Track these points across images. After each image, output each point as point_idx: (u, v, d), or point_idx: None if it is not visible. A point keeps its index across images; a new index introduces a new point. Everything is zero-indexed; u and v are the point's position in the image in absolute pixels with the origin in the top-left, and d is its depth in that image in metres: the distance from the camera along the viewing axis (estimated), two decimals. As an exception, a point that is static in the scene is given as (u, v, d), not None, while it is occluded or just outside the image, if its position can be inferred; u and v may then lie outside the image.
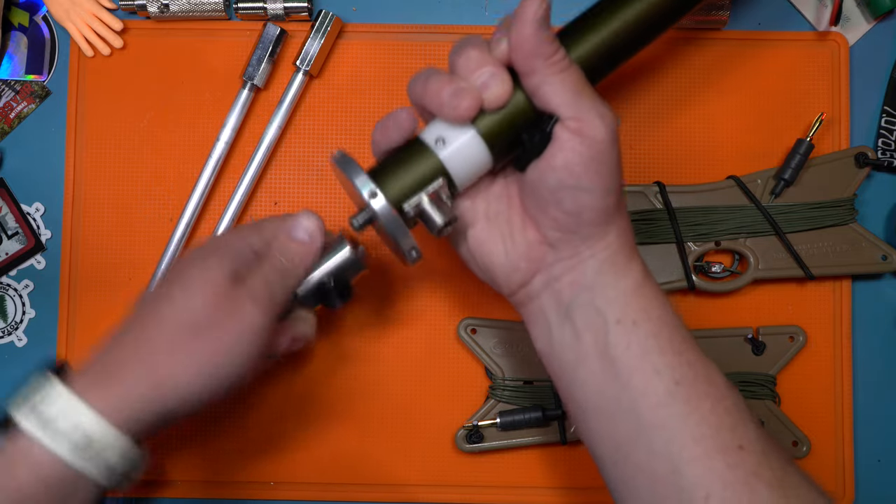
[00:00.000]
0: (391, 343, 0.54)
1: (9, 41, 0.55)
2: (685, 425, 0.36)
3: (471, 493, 0.53)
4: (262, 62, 0.52)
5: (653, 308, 0.38)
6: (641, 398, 0.37)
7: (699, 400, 0.36)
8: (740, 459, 0.35)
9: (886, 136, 0.54)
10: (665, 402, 0.36)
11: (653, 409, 0.36)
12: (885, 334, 0.54)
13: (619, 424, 0.37)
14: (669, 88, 0.54)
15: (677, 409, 0.36)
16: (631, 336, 0.37)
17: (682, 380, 0.37)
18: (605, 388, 0.38)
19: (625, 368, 0.37)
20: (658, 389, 0.37)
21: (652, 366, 0.37)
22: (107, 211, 0.54)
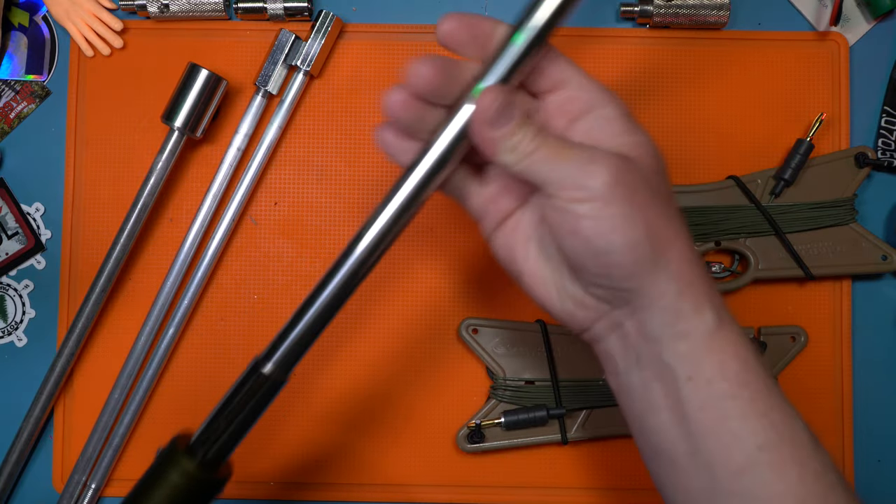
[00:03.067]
0: (392, 343, 0.54)
1: (9, 41, 0.55)
2: (767, 496, 0.33)
3: (471, 493, 0.53)
4: (276, 68, 0.52)
5: (731, 364, 0.34)
6: (719, 462, 0.33)
7: (784, 466, 0.33)
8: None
9: (886, 136, 0.54)
10: (745, 470, 0.33)
11: (731, 475, 0.33)
12: (885, 334, 0.54)
13: (693, 481, 0.34)
14: (669, 88, 0.54)
15: (760, 478, 0.33)
16: (705, 395, 0.34)
17: (765, 445, 0.33)
18: (678, 443, 0.34)
19: (700, 429, 0.34)
20: (737, 456, 0.33)
21: (730, 431, 0.33)
22: (107, 211, 0.54)
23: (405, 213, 0.36)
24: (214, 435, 0.37)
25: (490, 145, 0.34)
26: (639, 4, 0.53)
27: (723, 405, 0.34)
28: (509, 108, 0.34)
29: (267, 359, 0.36)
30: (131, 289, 0.54)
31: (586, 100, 0.36)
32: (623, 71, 0.54)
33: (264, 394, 0.37)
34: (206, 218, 0.53)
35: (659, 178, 0.35)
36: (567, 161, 0.33)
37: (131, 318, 0.53)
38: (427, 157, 0.35)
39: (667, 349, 0.34)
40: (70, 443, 0.53)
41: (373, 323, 0.54)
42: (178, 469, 0.36)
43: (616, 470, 0.53)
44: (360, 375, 0.53)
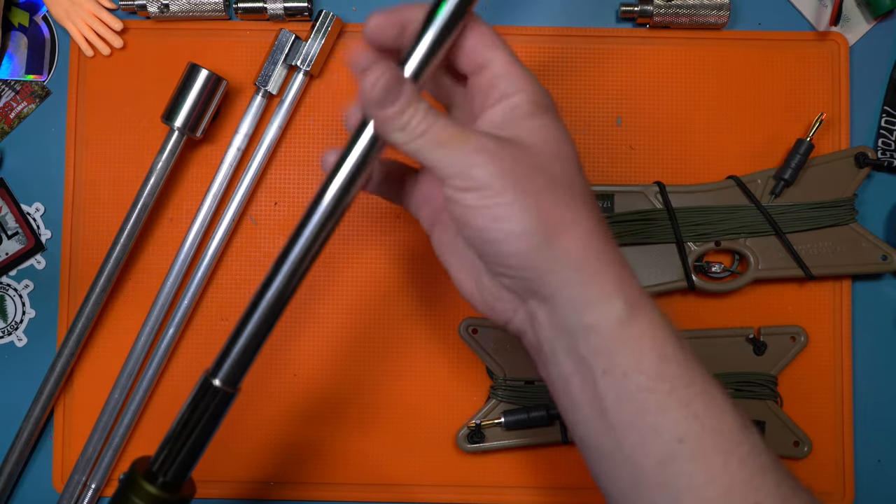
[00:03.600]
0: (392, 343, 0.54)
1: (9, 41, 0.55)
2: (691, 486, 0.32)
3: (471, 493, 0.53)
4: (276, 68, 0.52)
5: (648, 355, 0.33)
6: (640, 455, 0.33)
7: (707, 456, 0.33)
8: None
9: (886, 136, 0.54)
10: (667, 462, 0.33)
11: (654, 467, 0.33)
12: (885, 334, 0.54)
13: (620, 472, 0.34)
14: (669, 88, 0.54)
15: (682, 468, 0.32)
16: (622, 389, 0.33)
17: (686, 436, 0.33)
18: (602, 437, 0.34)
19: (619, 423, 0.33)
20: (658, 449, 0.33)
21: (649, 424, 0.33)
22: (107, 211, 0.54)
23: (334, 213, 0.36)
24: (173, 454, 0.37)
25: (380, 125, 0.34)
26: (639, 4, 0.53)
27: (640, 398, 0.33)
28: (394, 87, 0.33)
29: (215, 372, 0.37)
30: (131, 289, 0.54)
31: (502, 86, 0.35)
32: (623, 71, 0.54)
33: (216, 407, 0.37)
34: (206, 218, 0.53)
35: (561, 164, 0.34)
36: (454, 149, 0.33)
37: (131, 318, 0.53)
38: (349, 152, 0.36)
39: (580, 342, 0.33)
40: (70, 443, 0.53)
41: (372, 323, 0.54)
42: (140, 494, 0.37)
43: (616, 470, 0.53)
44: (361, 375, 0.53)
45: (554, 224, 0.33)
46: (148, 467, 0.38)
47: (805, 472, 0.53)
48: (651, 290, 0.52)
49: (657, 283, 0.52)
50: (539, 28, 0.54)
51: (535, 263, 0.33)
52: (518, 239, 0.33)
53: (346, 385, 0.53)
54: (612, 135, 0.54)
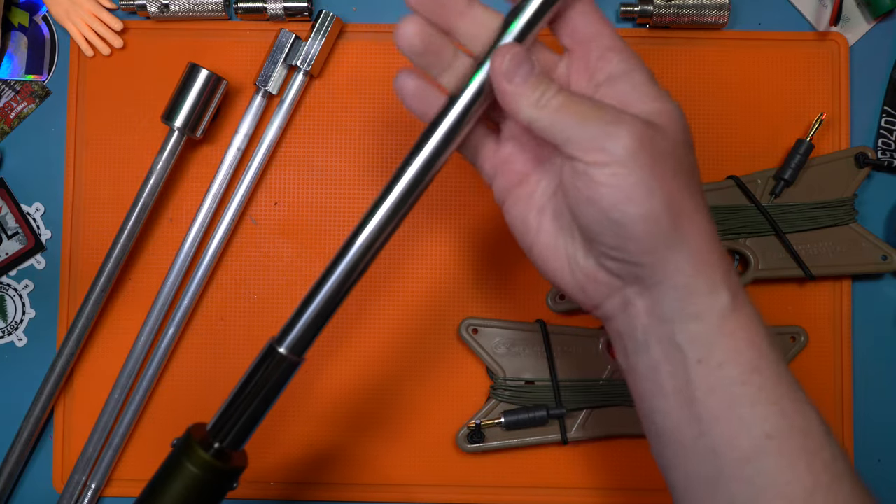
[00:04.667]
0: (392, 343, 0.54)
1: (9, 41, 0.55)
2: (774, 484, 0.32)
3: (471, 493, 0.53)
4: (276, 68, 0.52)
5: (744, 349, 0.33)
6: (725, 448, 0.33)
7: (792, 456, 0.32)
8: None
9: (886, 136, 0.54)
10: (752, 457, 0.32)
11: (737, 462, 0.32)
12: (885, 334, 0.54)
13: (698, 465, 0.34)
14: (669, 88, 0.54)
15: (766, 466, 0.32)
16: (715, 380, 0.33)
17: (774, 433, 0.32)
18: (685, 426, 0.34)
19: (707, 413, 0.33)
20: (744, 443, 0.32)
21: (739, 417, 0.32)
22: (107, 211, 0.54)
23: (429, 170, 0.35)
24: (231, 422, 0.37)
25: (511, 99, 0.33)
26: (639, 4, 0.53)
27: (732, 390, 0.33)
28: (527, 61, 0.33)
29: (282, 339, 0.36)
30: (131, 289, 0.54)
31: (616, 62, 0.34)
32: (623, 71, 0.54)
33: (281, 375, 0.37)
34: (206, 218, 0.53)
35: (684, 150, 0.34)
36: (591, 120, 0.32)
37: (131, 318, 0.53)
38: (452, 110, 0.34)
39: (678, 329, 0.33)
40: (70, 443, 0.53)
41: (373, 323, 0.54)
42: (194, 459, 0.36)
43: (616, 470, 0.53)
44: (360, 375, 0.53)
45: (679, 211, 0.32)
46: (204, 434, 0.37)
47: None
48: (651, 290, 0.52)
49: (657, 283, 0.52)
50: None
51: (655, 249, 0.32)
52: (645, 222, 0.32)
53: (345, 385, 0.53)
54: (612, 135, 0.54)
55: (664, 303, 0.33)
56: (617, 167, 0.31)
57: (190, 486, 0.36)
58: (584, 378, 0.52)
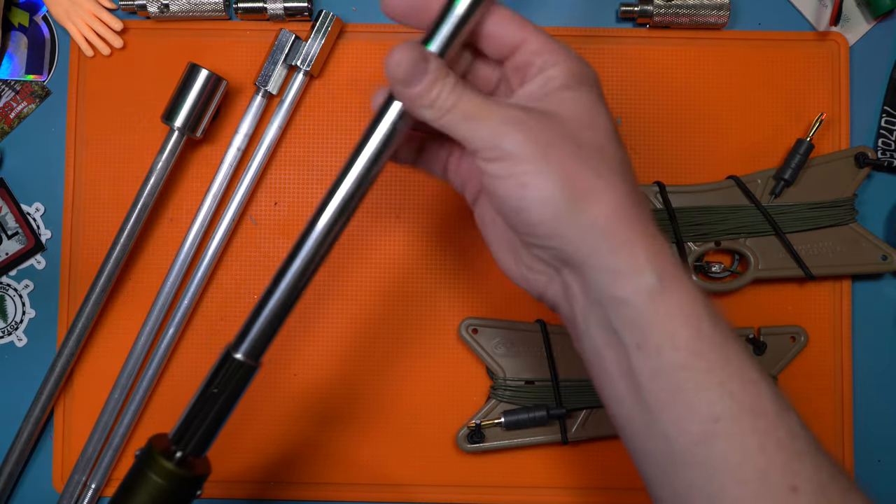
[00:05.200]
0: (392, 343, 0.54)
1: (9, 41, 0.55)
2: (726, 466, 0.32)
3: (471, 494, 0.53)
4: (276, 68, 0.52)
5: (681, 332, 0.32)
6: (676, 433, 0.32)
7: (743, 437, 0.32)
8: (793, 502, 0.31)
9: (886, 136, 0.54)
10: (702, 441, 0.32)
11: (689, 446, 0.32)
12: (885, 334, 0.54)
13: (656, 449, 0.34)
14: (669, 88, 0.54)
15: (716, 449, 0.32)
16: (656, 365, 0.32)
17: (721, 416, 0.32)
18: (636, 413, 0.34)
19: (653, 400, 0.33)
20: (693, 427, 0.32)
21: (684, 402, 0.32)
22: (107, 211, 0.54)
23: (359, 188, 0.36)
24: (192, 430, 0.37)
25: (409, 103, 0.34)
26: (639, 4, 0.53)
27: (675, 375, 0.32)
28: (420, 64, 0.34)
29: (238, 345, 0.37)
30: (131, 289, 0.54)
31: (538, 62, 0.35)
32: (623, 71, 0.54)
33: (238, 381, 0.37)
34: (206, 218, 0.53)
35: (593, 132, 0.34)
36: (481, 120, 0.33)
37: (131, 318, 0.53)
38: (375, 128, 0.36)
39: (612, 314, 0.33)
40: (70, 443, 0.53)
41: (373, 323, 0.54)
42: (157, 469, 0.36)
43: (616, 470, 0.53)
44: (361, 375, 0.53)
45: (580, 191, 0.32)
46: (166, 444, 0.37)
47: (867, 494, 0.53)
48: (651, 290, 0.52)
49: (657, 283, 0.52)
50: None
51: (561, 231, 0.33)
52: (544, 206, 0.32)
53: (346, 385, 0.53)
54: (612, 135, 0.54)
55: (593, 286, 0.33)
56: (510, 160, 0.33)
57: (155, 496, 0.37)
58: (584, 378, 0.52)
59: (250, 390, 0.51)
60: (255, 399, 0.53)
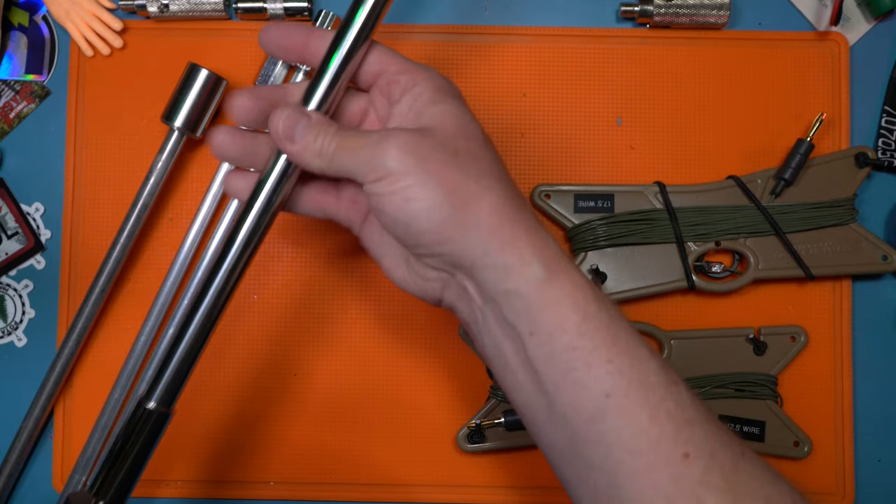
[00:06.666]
0: (392, 342, 0.54)
1: (9, 41, 0.55)
2: (619, 440, 0.34)
3: (471, 494, 0.53)
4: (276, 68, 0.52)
5: (570, 315, 0.34)
6: (572, 413, 0.34)
7: (633, 410, 0.34)
8: (685, 469, 0.33)
9: (886, 136, 0.54)
10: (596, 418, 0.34)
11: (585, 424, 0.34)
12: (885, 334, 0.54)
13: (556, 433, 0.36)
14: (669, 88, 0.54)
15: (610, 424, 0.34)
16: (549, 349, 0.35)
17: (612, 391, 0.34)
18: (535, 399, 0.36)
19: (549, 383, 0.35)
20: (587, 405, 0.34)
21: (576, 381, 0.34)
22: (107, 211, 0.54)
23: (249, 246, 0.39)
24: (110, 480, 0.39)
25: (298, 159, 0.38)
26: (639, 4, 0.53)
27: (566, 356, 0.34)
28: (301, 117, 0.37)
29: (150, 395, 0.39)
30: (131, 289, 0.54)
31: (402, 81, 0.38)
32: (623, 71, 0.54)
33: (152, 428, 0.39)
34: (206, 218, 0.53)
35: (465, 140, 0.37)
36: (361, 149, 0.36)
37: (131, 318, 0.53)
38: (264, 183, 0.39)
39: (505, 307, 0.35)
40: (70, 443, 0.53)
41: (373, 323, 0.54)
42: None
43: (616, 470, 0.53)
44: (361, 375, 0.53)
45: (460, 196, 0.35)
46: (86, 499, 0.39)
47: (805, 472, 0.53)
48: (651, 290, 0.52)
49: (657, 283, 0.52)
50: (539, 28, 0.54)
51: (448, 236, 0.35)
52: (428, 214, 0.35)
53: (346, 385, 0.53)
54: (612, 135, 0.54)
55: (485, 283, 0.35)
56: (391, 177, 0.35)
57: None
58: (584, 378, 0.52)
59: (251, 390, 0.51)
60: (255, 399, 0.53)
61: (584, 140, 0.54)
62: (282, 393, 0.54)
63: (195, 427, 0.53)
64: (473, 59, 0.54)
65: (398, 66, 0.39)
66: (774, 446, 0.52)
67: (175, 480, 0.53)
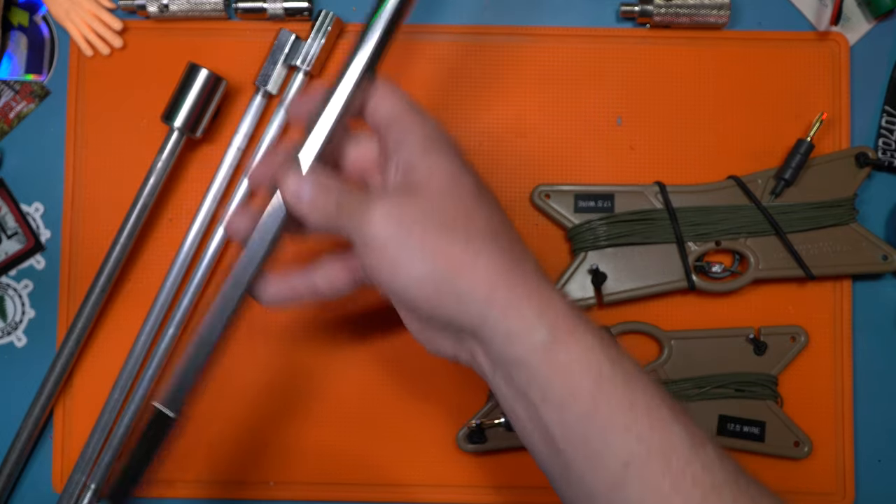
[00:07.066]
0: (392, 342, 0.54)
1: (9, 41, 0.55)
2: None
3: (471, 493, 0.53)
4: (276, 68, 0.52)
5: (582, 381, 0.33)
6: (591, 480, 0.33)
7: (655, 478, 0.32)
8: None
9: (886, 136, 0.54)
10: (616, 486, 0.32)
11: (605, 490, 0.33)
12: (885, 334, 0.54)
13: (576, 494, 0.34)
14: (669, 88, 0.54)
15: (631, 492, 0.32)
16: (562, 417, 0.33)
17: (630, 460, 0.32)
18: (553, 462, 0.35)
19: (566, 449, 0.33)
20: (604, 474, 0.33)
21: (594, 451, 0.33)
22: (107, 211, 0.54)
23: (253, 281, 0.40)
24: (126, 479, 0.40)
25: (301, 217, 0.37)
26: (639, 4, 0.53)
27: (581, 425, 0.33)
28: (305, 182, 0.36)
29: (164, 402, 0.40)
30: (131, 289, 0.54)
31: (395, 131, 0.37)
32: (623, 71, 0.54)
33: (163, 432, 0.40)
34: (206, 218, 0.53)
35: (454, 200, 0.35)
36: (353, 216, 0.35)
37: (131, 318, 0.53)
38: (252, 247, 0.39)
39: (514, 373, 0.34)
40: (70, 443, 0.53)
41: (373, 322, 0.54)
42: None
43: (616, 470, 0.53)
44: (361, 375, 0.53)
45: (451, 264, 0.34)
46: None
47: (805, 472, 0.53)
48: (651, 290, 0.52)
49: (657, 283, 0.52)
50: (539, 28, 0.54)
51: (443, 304, 0.34)
52: (418, 284, 0.34)
53: (346, 385, 0.53)
54: (612, 135, 0.54)
55: (491, 348, 0.34)
56: (379, 248, 0.34)
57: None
58: (584, 378, 0.52)
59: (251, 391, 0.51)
60: (255, 399, 0.53)
61: (584, 140, 0.54)
62: (282, 393, 0.53)
63: (194, 427, 0.53)
64: (473, 59, 0.54)
65: (392, 108, 0.37)
66: (774, 446, 0.52)
67: (174, 480, 0.53)
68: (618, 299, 0.52)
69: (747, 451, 0.52)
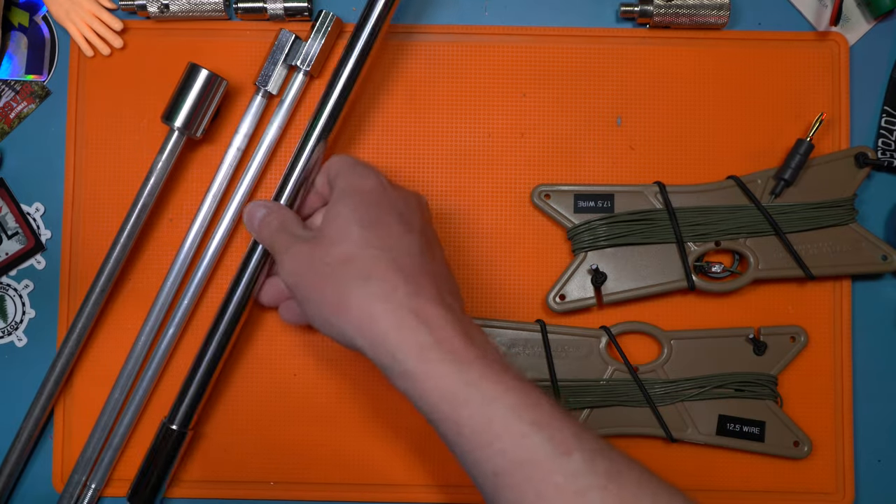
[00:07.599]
0: (391, 343, 0.53)
1: (9, 41, 0.55)
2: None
3: (471, 493, 0.53)
4: (276, 68, 0.52)
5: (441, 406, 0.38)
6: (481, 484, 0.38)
7: (521, 487, 0.36)
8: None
9: (886, 136, 0.54)
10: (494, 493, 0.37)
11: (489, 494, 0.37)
12: (885, 334, 0.54)
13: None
14: (669, 88, 0.54)
15: (503, 499, 0.36)
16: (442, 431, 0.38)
17: (499, 471, 0.36)
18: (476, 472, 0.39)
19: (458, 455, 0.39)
20: (485, 482, 0.37)
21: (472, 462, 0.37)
22: (107, 211, 0.54)
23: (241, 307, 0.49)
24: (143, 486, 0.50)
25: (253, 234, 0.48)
26: (639, 4, 0.53)
27: (456, 443, 0.37)
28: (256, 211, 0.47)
29: (172, 419, 0.50)
30: (131, 289, 0.54)
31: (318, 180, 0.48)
32: (623, 71, 0.54)
33: (174, 444, 0.50)
34: (206, 218, 0.53)
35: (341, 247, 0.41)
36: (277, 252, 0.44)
37: (131, 318, 0.53)
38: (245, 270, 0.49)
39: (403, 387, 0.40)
40: (70, 443, 0.53)
41: (373, 323, 0.54)
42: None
43: (616, 470, 0.53)
44: (361, 375, 0.53)
45: (336, 308, 0.40)
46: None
47: (805, 472, 0.53)
48: (651, 290, 0.52)
49: (657, 283, 0.52)
50: (539, 28, 0.54)
51: (348, 339, 0.40)
52: (315, 322, 0.42)
53: (346, 385, 0.53)
54: (612, 135, 0.54)
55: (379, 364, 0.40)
56: (290, 290, 0.43)
57: None
58: (584, 378, 0.52)
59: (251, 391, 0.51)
60: (256, 399, 0.53)
61: (584, 140, 0.54)
62: (282, 393, 0.54)
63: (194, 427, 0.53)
64: (473, 59, 0.54)
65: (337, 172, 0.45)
66: (774, 446, 0.52)
67: (175, 480, 0.53)
68: (618, 299, 0.52)
69: (747, 450, 0.52)
